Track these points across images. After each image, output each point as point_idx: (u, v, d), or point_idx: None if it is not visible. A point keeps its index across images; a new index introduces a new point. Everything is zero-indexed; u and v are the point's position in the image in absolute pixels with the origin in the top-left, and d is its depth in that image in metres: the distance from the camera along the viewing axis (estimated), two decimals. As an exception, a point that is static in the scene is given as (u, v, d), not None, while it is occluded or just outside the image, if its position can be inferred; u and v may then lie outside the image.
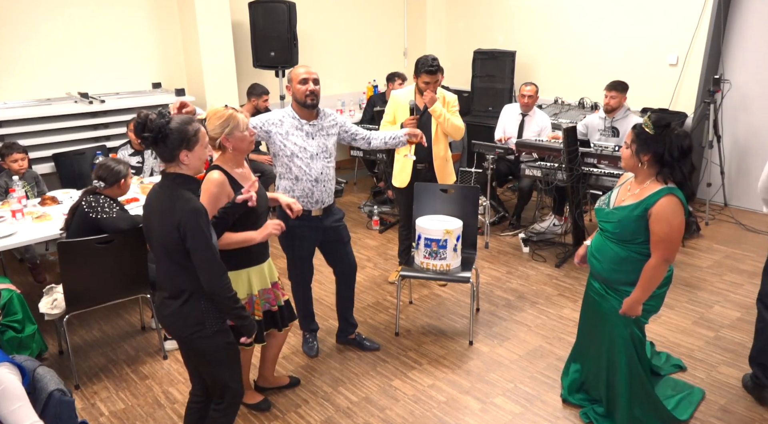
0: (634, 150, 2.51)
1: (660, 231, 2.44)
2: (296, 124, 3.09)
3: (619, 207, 2.58)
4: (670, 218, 2.42)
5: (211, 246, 2.13)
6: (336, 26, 7.00)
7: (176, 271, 2.18)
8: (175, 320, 2.25)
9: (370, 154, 5.51)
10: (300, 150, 3.07)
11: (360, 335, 3.63)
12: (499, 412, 2.99)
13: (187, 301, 2.20)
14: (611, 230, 2.60)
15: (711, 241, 5.07)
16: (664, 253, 2.46)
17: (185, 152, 2.14)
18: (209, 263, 2.13)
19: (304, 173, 3.09)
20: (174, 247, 2.13)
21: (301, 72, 3.05)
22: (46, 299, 3.26)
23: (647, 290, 2.53)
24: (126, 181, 3.34)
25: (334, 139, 3.20)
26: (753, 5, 5.44)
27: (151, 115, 2.10)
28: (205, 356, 2.32)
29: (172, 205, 2.12)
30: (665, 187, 2.47)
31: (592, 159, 4.50)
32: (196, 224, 2.09)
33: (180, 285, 2.20)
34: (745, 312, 3.91)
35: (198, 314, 2.22)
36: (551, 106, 6.34)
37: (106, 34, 5.34)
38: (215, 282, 2.16)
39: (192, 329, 2.23)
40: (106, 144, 5.18)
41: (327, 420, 2.95)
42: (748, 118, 5.61)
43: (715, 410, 2.96)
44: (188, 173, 2.19)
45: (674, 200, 2.43)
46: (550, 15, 6.65)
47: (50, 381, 2.31)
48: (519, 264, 4.72)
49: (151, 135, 2.09)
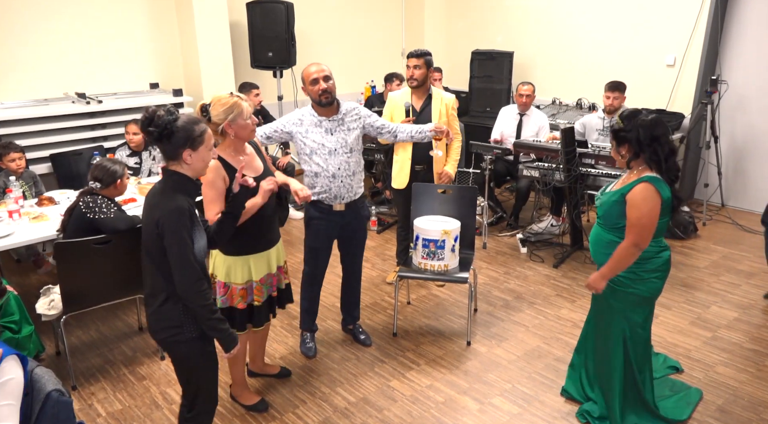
0: (614, 147, 2.67)
1: (632, 216, 2.54)
2: (315, 122, 3.14)
3: (605, 193, 2.73)
4: (640, 204, 2.51)
5: (186, 248, 2.06)
6: (334, 27, 7.00)
7: (154, 270, 2.14)
8: (153, 320, 2.20)
9: (368, 154, 5.51)
10: (319, 147, 3.12)
11: (358, 326, 3.68)
12: (497, 412, 3.00)
13: (165, 302, 2.14)
14: (599, 216, 2.73)
15: (708, 241, 5.08)
16: (634, 238, 2.53)
17: (189, 152, 2.10)
18: (183, 265, 2.06)
19: (322, 169, 3.14)
20: (152, 244, 2.09)
21: (312, 71, 3.08)
22: (43, 299, 3.26)
23: (614, 269, 2.61)
24: (123, 182, 3.34)
25: (356, 133, 3.22)
26: (750, 6, 5.46)
27: (159, 111, 2.08)
28: (180, 361, 2.27)
29: (157, 201, 2.10)
30: (644, 175, 2.56)
31: (590, 160, 4.51)
32: (175, 223, 2.04)
33: (157, 285, 2.15)
34: (743, 312, 3.92)
35: (176, 316, 2.15)
36: (549, 107, 6.34)
37: (104, 35, 5.33)
38: (188, 287, 2.08)
39: (169, 332, 2.17)
40: (104, 144, 5.17)
41: (325, 421, 2.95)
42: (745, 118, 5.62)
43: (712, 411, 2.97)
44: (189, 174, 2.15)
45: (648, 187, 2.51)
46: (548, 16, 6.66)
47: (48, 381, 2.30)
48: (517, 264, 4.72)
49: (156, 130, 2.05)
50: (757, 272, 4.50)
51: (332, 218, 3.24)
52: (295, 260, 4.53)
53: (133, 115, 5.04)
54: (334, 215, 3.24)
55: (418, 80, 3.86)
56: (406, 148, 3.96)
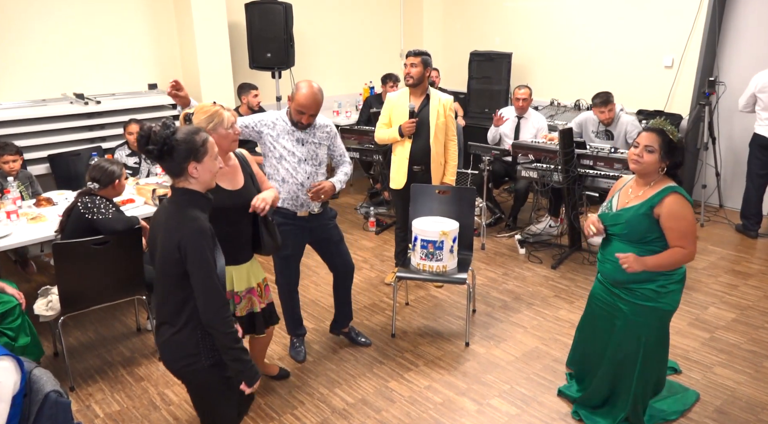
0: (660, 156, 2.56)
1: (679, 227, 2.52)
2: (288, 129, 3.11)
3: (624, 209, 2.64)
4: (686, 213, 2.53)
5: (211, 271, 1.97)
6: (333, 27, 7.00)
7: (173, 294, 2.03)
8: (167, 349, 2.09)
9: (367, 155, 5.52)
10: (288, 154, 3.10)
11: (354, 329, 3.66)
12: (496, 413, 3.00)
13: (183, 329, 2.04)
14: (620, 233, 2.64)
15: (706, 242, 5.09)
16: (690, 247, 2.53)
17: (194, 164, 1.99)
18: (208, 290, 1.96)
19: (290, 176, 3.12)
20: (173, 268, 1.98)
21: (302, 102, 2.99)
22: (41, 300, 3.25)
23: (659, 266, 2.56)
24: (121, 182, 3.33)
25: (324, 149, 3.22)
26: (748, 7, 5.47)
27: (154, 127, 1.95)
28: (197, 391, 2.18)
29: (176, 223, 1.98)
30: (667, 186, 2.55)
31: (588, 161, 4.51)
32: (198, 246, 1.94)
33: (176, 310, 2.04)
34: (740, 313, 3.92)
35: (193, 343, 2.05)
36: (547, 108, 6.35)
37: (103, 35, 5.32)
38: (213, 313, 1.98)
39: (186, 361, 2.07)
40: (102, 145, 5.16)
41: (323, 422, 2.95)
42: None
43: (710, 412, 2.97)
44: (197, 188, 2.04)
45: (681, 197, 2.53)
46: (546, 17, 6.67)
47: (47, 382, 2.29)
48: (515, 265, 4.72)
49: (155, 148, 1.93)
50: (755, 273, 4.51)
51: (298, 222, 3.21)
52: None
53: (132, 116, 5.04)
54: (299, 220, 3.21)
55: (414, 78, 3.86)
56: (405, 148, 3.96)
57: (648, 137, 2.56)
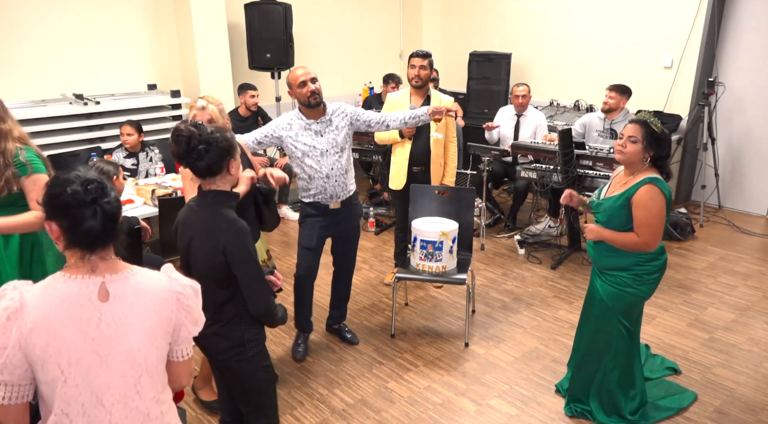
0: (644, 146, 2.60)
1: (639, 216, 2.56)
2: (304, 125, 3.16)
3: (606, 198, 2.72)
4: (649, 204, 2.54)
5: (258, 267, 2.05)
6: (332, 28, 7.00)
7: (215, 294, 2.07)
8: (212, 342, 2.15)
9: (366, 156, 5.51)
10: (310, 149, 3.15)
11: (344, 326, 3.69)
12: (495, 414, 3.00)
13: (227, 323, 2.12)
14: (602, 220, 2.72)
15: (705, 243, 5.09)
16: (647, 238, 2.56)
17: (232, 161, 2.03)
18: (258, 286, 2.05)
19: (315, 171, 3.17)
20: (217, 272, 2.03)
21: (299, 75, 3.09)
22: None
23: (613, 240, 2.63)
24: (118, 180, 3.32)
25: (344, 132, 3.23)
26: (747, 8, 5.47)
27: (190, 127, 1.96)
28: (243, 381, 2.24)
29: (215, 226, 2.02)
30: (647, 177, 2.58)
31: (588, 161, 4.52)
32: (244, 246, 2.00)
33: (220, 308, 2.10)
34: (740, 314, 3.92)
35: (238, 335, 2.14)
36: (547, 108, 6.35)
37: (102, 36, 5.32)
38: (264, 304, 2.08)
39: (232, 352, 2.15)
40: (101, 146, 5.15)
41: (322, 422, 2.95)
42: (742, 120, 5.64)
43: (710, 412, 2.97)
44: (225, 187, 2.07)
45: (653, 188, 2.55)
46: (545, 17, 6.67)
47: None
48: (514, 266, 4.72)
49: (204, 147, 1.94)
50: (754, 274, 4.51)
51: (328, 215, 3.27)
52: (292, 262, 4.53)
53: (131, 117, 5.03)
54: (330, 212, 3.27)
55: (423, 80, 3.86)
56: (404, 149, 3.96)
57: (632, 128, 2.63)
